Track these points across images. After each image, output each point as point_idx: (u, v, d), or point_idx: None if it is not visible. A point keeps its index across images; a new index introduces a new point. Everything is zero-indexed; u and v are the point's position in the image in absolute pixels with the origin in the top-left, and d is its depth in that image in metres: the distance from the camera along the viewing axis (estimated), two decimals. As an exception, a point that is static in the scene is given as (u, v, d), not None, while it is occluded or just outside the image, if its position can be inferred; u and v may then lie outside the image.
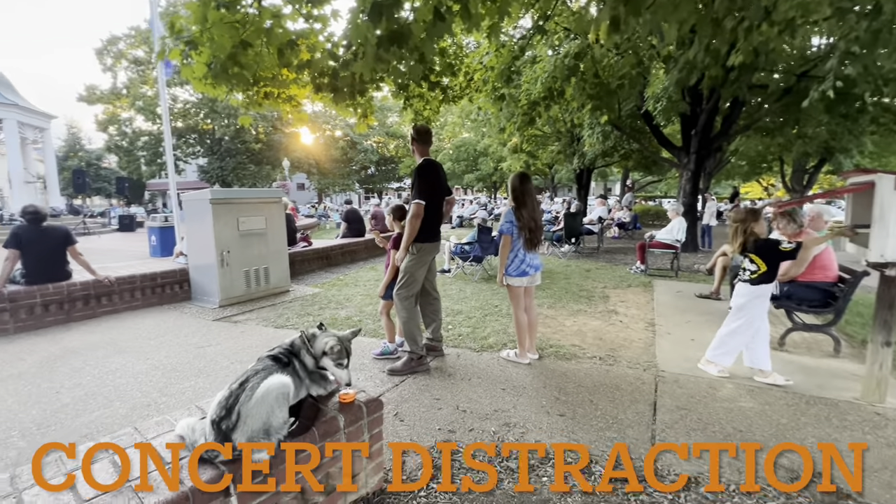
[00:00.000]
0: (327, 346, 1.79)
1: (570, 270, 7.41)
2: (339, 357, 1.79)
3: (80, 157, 34.47)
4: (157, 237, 9.89)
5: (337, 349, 1.79)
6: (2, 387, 3.07)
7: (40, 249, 4.45)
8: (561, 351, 3.69)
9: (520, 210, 3.34)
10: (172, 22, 2.55)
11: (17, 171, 15.36)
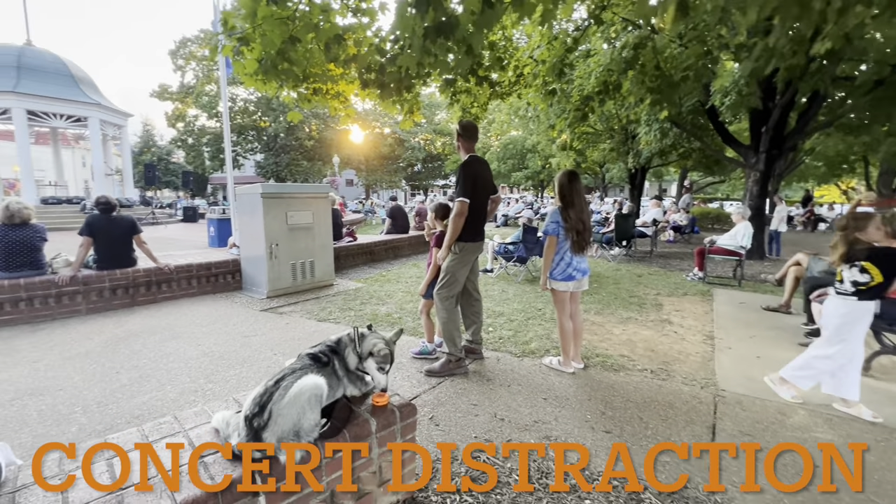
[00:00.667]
0: (375, 348, 1.75)
1: (620, 275, 7.03)
2: (384, 361, 1.76)
3: (152, 152, 37.37)
4: (215, 228, 10.47)
5: (383, 353, 1.76)
6: (71, 364, 3.31)
7: (110, 237, 4.79)
8: (608, 361, 3.46)
9: (567, 210, 3.16)
10: (226, 18, 2.61)
11: (99, 165, 16.84)
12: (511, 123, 26.61)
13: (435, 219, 3.55)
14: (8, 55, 15.13)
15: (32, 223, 4.42)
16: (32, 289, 4.33)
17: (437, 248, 3.43)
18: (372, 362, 1.76)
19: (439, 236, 3.46)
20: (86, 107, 16.06)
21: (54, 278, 4.43)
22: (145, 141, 37.66)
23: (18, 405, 2.69)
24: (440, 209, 3.55)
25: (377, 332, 1.85)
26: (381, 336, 1.82)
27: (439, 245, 3.41)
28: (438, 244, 3.43)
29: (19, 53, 15.30)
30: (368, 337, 1.80)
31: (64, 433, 2.41)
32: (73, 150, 37.87)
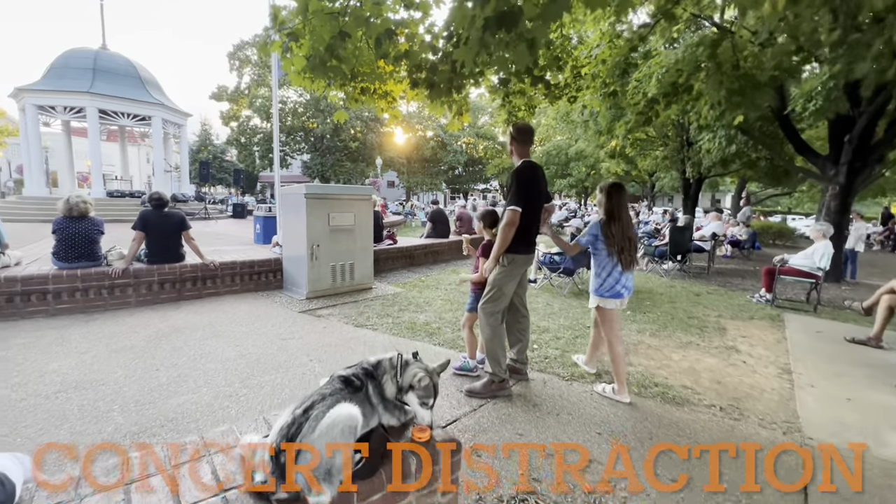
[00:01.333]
0: (416, 380, 1.56)
1: (676, 292, 6.52)
2: (427, 395, 1.56)
3: (209, 150, 39.44)
4: (261, 226, 10.73)
5: (425, 384, 1.56)
6: (115, 358, 3.34)
7: (161, 233, 4.90)
8: (669, 393, 3.10)
9: (611, 225, 2.94)
10: (276, 13, 2.53)
11: (159, 161, 17.88)
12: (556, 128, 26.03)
13: (483, 227, 3.33)
14: (86, 58, 16.35)
15: (90, 216, 4.58)
16: (88, 279, 4.49)
17: (483, 258, 3.21)
18: (413, 396, 1.56)
19: (486, 245, 3.24)
20: (150, 107, 17.09)
21: (108, 270, 4.58)
22: (203, 139, 39.78)
23: (62, 398, 2.71)
24: (488, 216, 3.33)
25: (421, 362, 1.66)
26: (424, 366, 1.62)
27: (486, 255, 3.19)
28: (485, 253, 3.21)
29: (95, 57, 16.49)
30: (411, 366, 1.61)
31: (100, 432, 2.37)
32: (138, 147, 40.65)
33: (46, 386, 2.87)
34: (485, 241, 3.26)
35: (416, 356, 1.71)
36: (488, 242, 3.21)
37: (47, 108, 16.01)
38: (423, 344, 3.91)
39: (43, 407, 2.60)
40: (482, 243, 3.27)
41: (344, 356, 3.52)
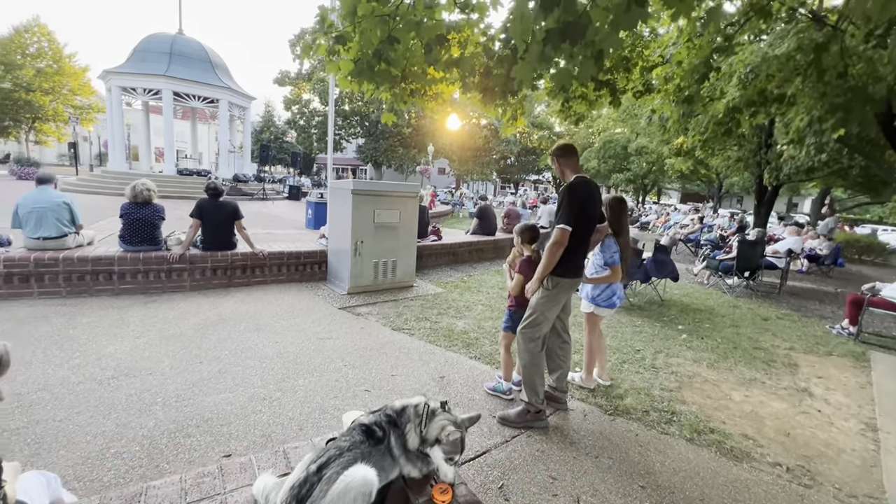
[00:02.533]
0: (444, 433, 1.44)
1: (740, 315, 5.95)
2: (453, 451, 1.44)
3: (270, 131, 41.21)
4: (313, 211, 11.04)
5: (454, 440, 1.44)
6: (165, 346, 3.50)
7: (215, 221, 5.09)
8: (726, 443, 2.78)
9: (619, 238, 3.22)
10: (323, 16, 2.43)
11: (225, 142, 18.87)
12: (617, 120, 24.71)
13: (521, 243, 3.11)
14: (164, 42, 17.43)
15: (153, 203, 4.83)
16: (149, 263, 4.75)
17: (518, 273, 3.03)
18: (438, 450, 1.44)
19: (524, 262, 3.04)
20: (218, 90, 17.99)
21: (167, 255, 4.82)
22: (266, 120, 41.60)
23: (113, 386, 2.85)
24: (526, 232, 3.10)
25: (450, 413, 1.53)
26: (453, 418, 1.49)
27: (521, 270, 3.00)
28: (521, 270, 3.02)
29: (172, 41, 17.53)
30: (438, 417, 1.48)
31: (142, 427, 2.46)
32: (208, 126, 43.21)
33: (102, 370, 3.04)
34: (523, 257, 3.06)
35: (444, 406, 1.58)
36: (526, 259, 3.02)
37: (129, 90, 17.29)
38: (458, 355, 3.79)
39: (96, 393, 2.75)
40: (520, 259, 3.08)
41: (378, 363, 3.48)
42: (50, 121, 30.29)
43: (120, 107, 17.42)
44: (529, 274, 2.92)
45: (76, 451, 2.21)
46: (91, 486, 1.99)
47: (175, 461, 2.20)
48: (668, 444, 2.73)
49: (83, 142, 34.21)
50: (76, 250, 4.57)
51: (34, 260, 4.23)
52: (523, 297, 2.98)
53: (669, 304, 6.23)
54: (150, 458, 2.21)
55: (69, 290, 4.42)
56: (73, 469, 2.08)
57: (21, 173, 18.29)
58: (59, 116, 29.94)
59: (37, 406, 2.56)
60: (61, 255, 4.35)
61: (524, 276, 2.98)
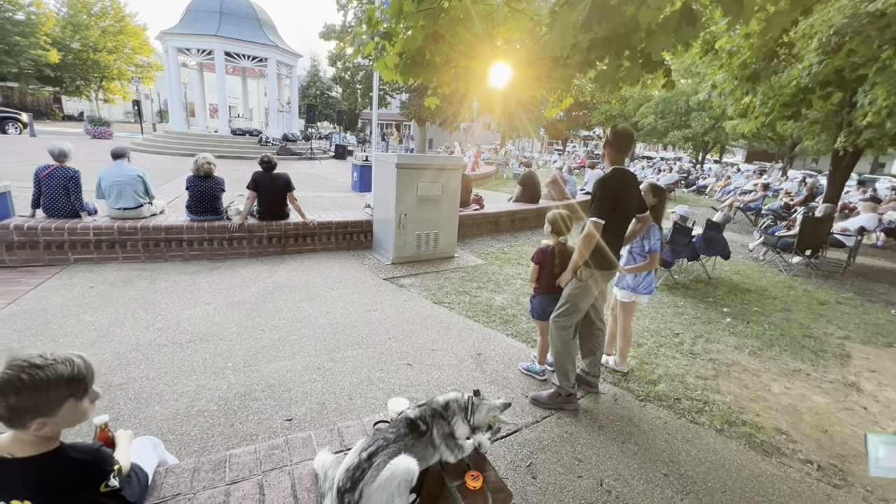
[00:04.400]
0: (494, 419, 1.73)
1: (794, 297, 5.68)
2: (497, 432, 1.73)
3: (316, 86, 41.39)
4: (358, 174, 11.32)
5: (497, 426, 1.76)
6: (231, 313, 3.90)
7: (269, 192, 5.41)
8: (757, 436, 2.82)
9: (659, 223, 3.30)
10: (370, 14, 2.44)
11: (273, 101, 19.32)
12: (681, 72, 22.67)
13: (551, 232, 3.12)
14: (214, 2, 17.62)
15: (214, 176, 5.18)
16: (213, 231, 5.18)
17: (534, 264, 3.10)
18: (484, 434, 1.70)
19: (541, 251, 3.08)
20: (266, 49, 18.20)
21: (228, 224, 5.23)
22: (312, 76, 41.73)
23: (191, 349, 3.27)
24: (556, 222, 3.09)
25: (487, 400, 1.75)
26: (493, 405, 1.75)
27: (536, 260, 3.08)
28: (536, 259, 3.09)
29: (221, 1, 17.67)
30: (481, 407, 1.73)
31: (217, 388, 2.84)
32: (257, 81, 43.97)
33: (181, 334, 3.48)
34: (541, 246, 3.10)
35: (477, 394, 1.78)
36: (543, 248, 3.07)
37: (184, 50, 17.85)
38: (495, 332, 3.97)
39: (178, 356, 3.18)
40: (539, 248, 3.12)
41: (419, 337, 3.72)
42: (115, 79, 32.03)
43: (177, 67, 18.11)
44: (543, 263, 3.04)
45: (167, 408, 2.62)
46: (181, 439, 2.38)
47: (246, 422, 2.56)
48: (696, 433, 2.82)
49: (145, 99, 36.04)
50: (151, 219, 5.04)
51: (117, 228, 4.74)
52: (544, 285, 3.07)
53: (717, 282, 6.03)
54: (226, 417, 2.58)
55: (147, 255, 4.94)
56: (166, 423, 2.49)
57: (95, 132, 19.73)
58: (123, 75, 31.55)
59: (132, 364, 3.01)
60: (139, 224, 4.84)
61: (538, 264, 3.06)
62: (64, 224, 4.53)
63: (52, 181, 4.53)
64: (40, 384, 1.05)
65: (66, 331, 3.35)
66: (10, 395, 1.03)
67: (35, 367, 1.05)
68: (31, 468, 1.09)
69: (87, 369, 1.17)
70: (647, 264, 3.25)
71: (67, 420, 1.13)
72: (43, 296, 3.89)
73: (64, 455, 1.14)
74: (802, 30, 4.58)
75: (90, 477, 1.16)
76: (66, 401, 1.11)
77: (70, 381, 1.11)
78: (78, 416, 1.16)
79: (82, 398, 1.16)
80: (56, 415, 1.09)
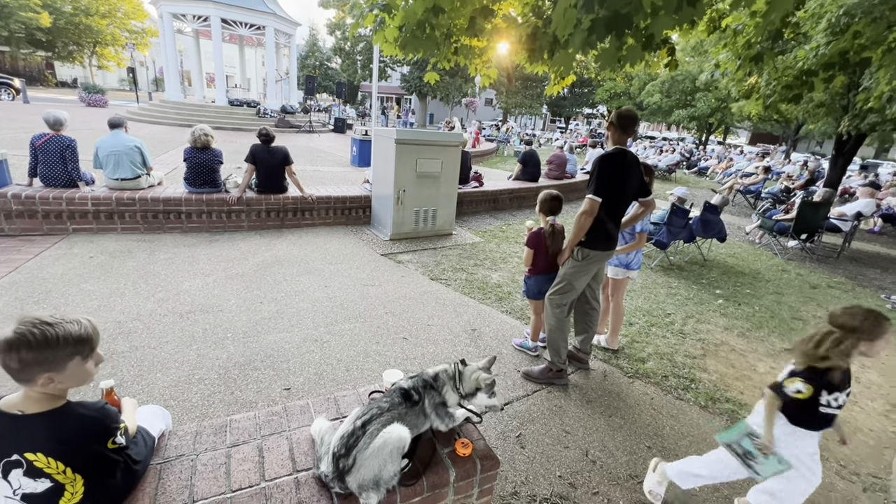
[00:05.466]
0: (483, 382, 1.76)
1: (786, 280, 5.75)
2: (491, 388, 1.78)
3: (315, 56, 40.35)
4: (357, 148, 11.20)
5: (489, 382, 1.77)
6: (230, 285, 3.95)
7: (267, 166, 5.38)
8: (739, 414, 2.93)
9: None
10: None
11: (272, 71, 18.88)
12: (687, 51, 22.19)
13: (540, 211, 3.14)
14: (210, -37, 16.97)
15: (212, 148, 5.14)
16: (211, 204, 5.18)
17: (528, 248, 3.11)
18: (482, 396, 1.77)
19: (532, 235, 3.10)
20: (264, 16, 17.67)
21: (226, 197, 5.22)
22: (311, 46, 40.64)
23: (191, 320, 3.34)
24: (546, 202, 3.09)
25: (472, 365, 1.81)
26: (479, 367, 1.82)
27: (530, 244, 3.09)
28: (529, 243, 3.11)
29: (218, -38, 17.03)
30: (467, 372, 1.80)
31: (217, 358, 2.92)
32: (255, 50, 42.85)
33: (181, 305, 3.53)
34: (534, 230, 3.11)
35: (464, 362, 1.84)
36: (537, 231, 3.09)
37: (179, 16, 17.33)
38: (490, 308, 4.04)
39: (178, 325, 3.24)
40: (531, 232, 3.13)
41: (416, 313, 3.79)
42: (109, 45, 31.18)
43: (172, 33, 17.62)
44: (538, 247, 3.04)
45: (169, 375, 2.70)
46: (183, 405, 2.46)
47: (246, 390, 2.64)
48: (681, 409, 2.92)
49: (140, 67, 35.19)
50: (149, 191, 5.03)
51: (116, 199, 4.74)
52: (540, 266, 3.11)
53: (712, 264, 6.09)
54: (226, 386, 2.66)
55: (146, 226, 4.95)
56: (169, 390, 2.57)
57: (90, 100, 19.36)
58: (117, 41, 30.71)
59: (134, 334, 3.08)
60: (137, 195, 4.84)
61: (532, 248, 3.08)
62: (62, 194, 4.53)
63: (48, 150, 4.49)
64: (50, 340, 1.11)
65: (67, 299, 3.40)
66: (22, 349, 1.09)
67: (46, 324, 1.12)
68: (41, 423, 1.15)
69: (94, 331, 1.23)
70: (635, 244, 3.28)
71: (73, 378, 1.19)
72: (43, 265, 3.92)
73: (71, 411, 1.20)
74: (812, 9, 4.48)
75: (97, 431, 1.23)
76: (72, 358, 1.16)
77: (78, 339, 1.17)
78: (83, 376, 1.22)
79: (87, 358, 1.21)
80: (63, 371, 1.15)
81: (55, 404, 1.19)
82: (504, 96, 34.63)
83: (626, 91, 30.80)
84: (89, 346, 1.21)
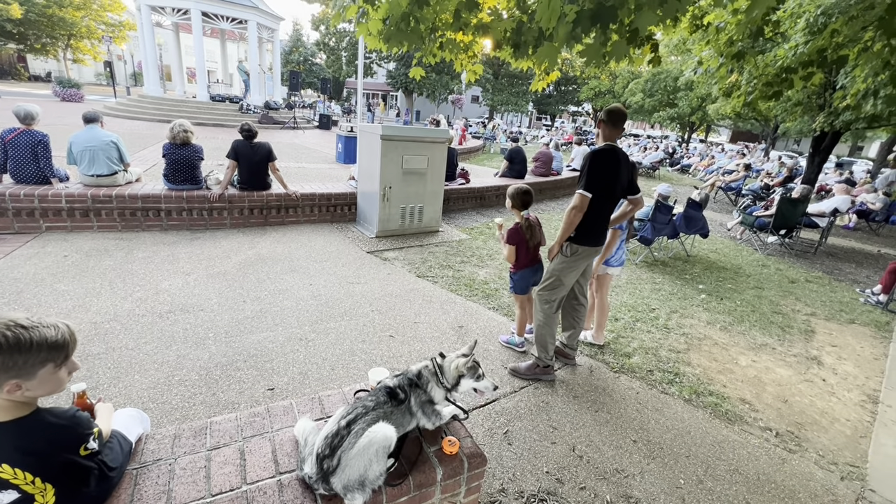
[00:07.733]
0: (463, 367, 1.74)
1: (766, 275, 5.88)
2: (475, 370, 1.76)
3: (299, 52, 39.80)
4: (343, 145, 11.08)
5: (470, 366, 1.75)
6: (212, 284, 3.86)
7: (250, 162, 5.27)
8: (722, 406, 2.98)
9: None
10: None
11: (255, 66, 18.53)
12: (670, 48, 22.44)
13: (511, 207, 3.13)
14: (189, -45, 16.56)
15: (192, 144, 5.01)
16: (192, 201, 5.06)
17: (508, 245, 3.11)
18: (468, 380, 1.75)
19: (511, 232, 3.09)
20: (246, 10, 17.32)
21: (207, 194, 5.10)
22: (294, 41, 40.06)
23: (171, 319, 3.25)
24: (519, 197, 3.07)
25: (450, 355, 1.80)
26: (456, 355, 1.79)
27: (510, 241, 3.09)
28: (509, 240, 3.10)
29: (197, -46, 16.62)
30: (446, 364, 1.78)
31: (199, 358, 2.85)
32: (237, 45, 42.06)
33: (161, 304, 3.44)
34: (511, 227, 3.11)
35: (442, 356, 1.82)
36: (514, 228, 3.09)
37: (158, 8, 16.88)
38: (477, 305, 4.03)
39: (157, 326, 3.15)
40: (508, 229, 3.13)
41: (402, 310, 3.76)
42: (84, 38, 30.22)
43: (151, 26, 17.16)
44: (519, 243, 3.05)
45: (147, 377, 2.62)
46: (163, 407, 2.39)
47: (228, 391, 2.58)
48: (666, 403, 2.95)
49: (118, 61, 34.20)
50: (126, 188, 4.89)
51: (91, 196, 4.59)
52: (523, 260, 3.11)
53: (695, 260, 6.19)
54: (207, 387, 2.60)
55: (123, 224, 4.81)
56: (148, 392, 2.49)
57: (64, 95, 18.76)
58: (93, 34, 29.78)
59: (111, 335, 2.98)
60: (114, 192, 4.69)
61: (514, 244, 3.09)
62: (34, 190, 4.37)
63: (19, 145, 4.32)
64: (23, 344, 1.04)
65: (40, 300, 3.28)
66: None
67: (20, 327, 1.05)
68: (7, 433, 1.09)
69: (71, 337, 1.16)
70: (611, 240, 3.20)
71: (43, 387, 1.13)
72: (14, 264, 3.78)
73: (40, 419, 1.14)
74: (791, 8, 4.56)
75: (67, 440, 1.17)
76: (44, 365, 1.10)
77: (53, 345, 1.10)
78: (54, 385, 1.16)
79: (61, 366, 1.15)
80: (32, 379, 1.09)
81: (22, 412, 1.13)
82: (490, 93, 34.64)
83: (611, 89, 31.10)
84: (64, 353, 1.15)
